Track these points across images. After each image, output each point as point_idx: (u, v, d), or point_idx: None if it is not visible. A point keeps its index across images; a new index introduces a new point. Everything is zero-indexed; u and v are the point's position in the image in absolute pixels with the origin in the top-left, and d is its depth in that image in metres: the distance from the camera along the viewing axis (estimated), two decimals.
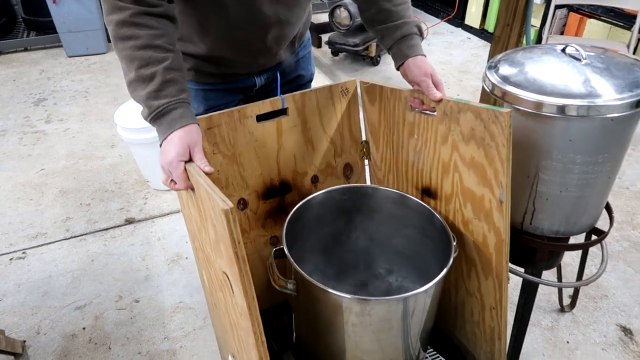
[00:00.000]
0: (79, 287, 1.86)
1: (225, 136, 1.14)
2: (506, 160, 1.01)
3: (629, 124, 1.11)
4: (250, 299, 0.80)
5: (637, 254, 1.99)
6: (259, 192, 1.25)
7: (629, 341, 1.65)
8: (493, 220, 1.10)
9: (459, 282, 1.29)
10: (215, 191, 0.77)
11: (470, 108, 1.04)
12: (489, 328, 1.27)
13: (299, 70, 1.39)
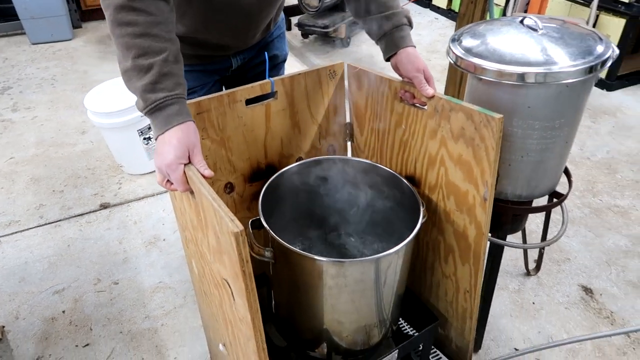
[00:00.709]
0: (56, 272, 1.86)
1: (214, 121, 1.14)
2: (494, 162, 1.03)
3: (582, 90, 1.18)
4: (255, 312, 0.82)
5: (597, 219, 2.10)
6: (245, 176, 1.26)
7: (590, 299, 1.75)
8: (475, 215, 1.13)
9: (435, 265, 1.34)
10: (224, 210, 0.77)
11: (462, 109, 1.05)
12: (461, 308, 1.33)
13: (274, 50, 1.41)
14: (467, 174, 1.11)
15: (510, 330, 1.65)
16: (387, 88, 1.21)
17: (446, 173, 1.17)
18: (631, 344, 1.60)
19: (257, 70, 1.42)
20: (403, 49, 1.15)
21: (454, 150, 1.12)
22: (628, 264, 1.89)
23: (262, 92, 1.18)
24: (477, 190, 1.10)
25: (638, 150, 2.54)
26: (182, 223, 1.14)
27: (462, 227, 1.19)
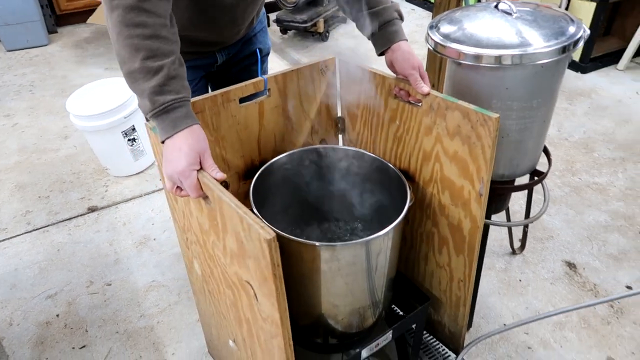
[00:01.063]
0: (48, 276, 1.86)
1: (209, 121, 1.14)
2: (490, 159, 1.05)
3: (557, 70, 1.22)
4: (283, 311, 0.85)
5: (577, 197, 2.17)
6: (240, 174, 1.27)
7: (574, 274, 1.81)
8: (470, 209, 1.16)
9: (429, 256, 1.37)
10: (251, 217, 0.78)
11: (459, 107, 1.06)
12: (455, 297, 1.36)
13: (257, 44, 1.42)
14: (463, 170, 1.12)
15: (499, 307, 1.70)
16: (380, 84, 1.22)
17: (441, 169, 1.18)
18: (614, 313, 1.66)
19: (241, 65, 1.43)
20: (396, 44, 1.16)
21: (450, 147, 1.13)
22: (608, 238, 1.95)
23: (256, 90, 1.18)
24: (473, 186, 1.12)
25: (613, 129, 2.62)
26: (182, 225, 1.14)
27: (457, 220, 1.21)
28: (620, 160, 2.39)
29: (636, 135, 2.57)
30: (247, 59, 1.43)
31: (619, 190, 2.20)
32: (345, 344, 1.29)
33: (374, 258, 1.11)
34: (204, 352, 1.57)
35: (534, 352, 1.56)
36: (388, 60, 1.18)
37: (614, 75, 3.15)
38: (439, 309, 1.46)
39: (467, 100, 1.28)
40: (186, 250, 1.23)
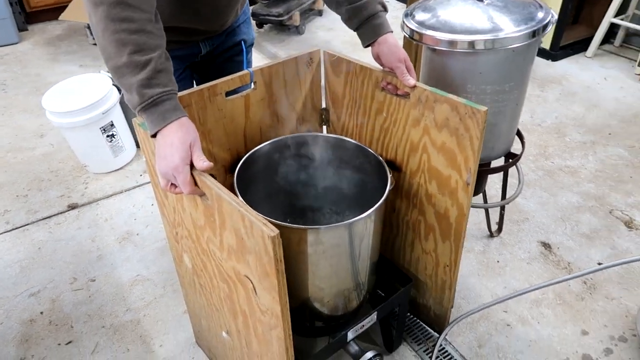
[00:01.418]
0: (30, 275, 1.84)
1: (195, 115, 1.14)
2: (478, 150, 1.08)
3: (527, 54, 1.27)
4: (284, 304, 0.87)
5: (551, 180, 2.24)
6: (226, 167, 1.28)
7: (549, 253, 1.88)
8: (457, 198, 1.19)
9: (415, 242, 1.40)
10: (253, 215, 0.80)
11: (447, 100, 1.08)
12: (440, 281, 1.40)
13: (241, 35, 1.43)
14: (450, 160, 1.15)
15: (478, 288, 1.75)
16: (367, 77, 1.23)
17: (429, 159, 1.20)
18: (587, 289, 1.74)
19: (225, 55, 1.44)
20: (382, 37, 1.17)
21: (437, 138, 1.15)
22: (580, 218, 2.03)
23: (242, 84, 1.19)
24: (460, 176, 1.15)
25: (583, 114, 2.71)
26: (173, 220, 1.15)
27: (444, 208, 1.24)
28: (590, 144, 2.47)
29: (604, 119, 2.66)
30: (231, 50, 1.44)
31: (589, 172, 2.28)
32: (331, 327, 1.32)
33: (357, 240, 1.14)
34: (191, 342, 1.58)
35: (512, 328, 1.61)
36: (374, 53, 1.20)
37: (583, 62, 3.24)
38: (424, 292, 1.50)
39: (442, 85, 1.33)
40: (175, 245, 1.24)
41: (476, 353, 1.54)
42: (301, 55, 1.27)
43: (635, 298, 1.69)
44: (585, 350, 1.54)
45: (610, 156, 2.39)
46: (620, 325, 1.61)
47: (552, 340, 1.58)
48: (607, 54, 3.34)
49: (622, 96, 2.86)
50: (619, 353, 1.53)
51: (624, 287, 1.74)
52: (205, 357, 1.53)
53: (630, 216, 2.04)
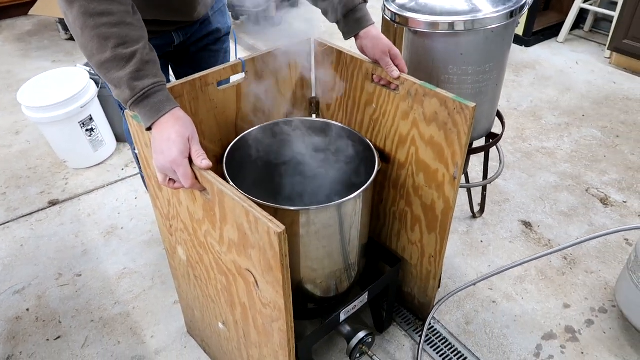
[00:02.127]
0: (13, 272, 1.81)
1: (187, 106, 1.14)
2: (465, 145, 1.09)
3: (506, 34, 1.30)
4: (287, 297, 0.87)
5: (529, 161, 2.30)
6: (217, 157, 1.27)
7: (529, 232, 1.93)
8: (444, 191, 1.21)
9: (401, 233, 1.43)
10: (258, 211, 0.80)
11: (437, 95, 1.09)
12: (425, 271, 1.43)
13: (216, 24, 1.42)
14: (438, 154, 1.16)
15: (464, 267, 1.79)
16: (358, 68, 1.23)
17: (417, 152, 1.22)
18: (568, 264, 1.79)
19: (199, 45, 1.43)
20: (364, 31, 1.16)
21: (426, 132, 1.16)
22: (558, 197, 2.09)
23: (234, 73, 1.18)
24: (447, 170, 1.16)
25: (557, 97, 2.78)
26: (167, 213, 1.14)
27: (431, 200, 1.26)
28: (565, 126, 2.54)
29: (577, 101, 2.73)
30: (206, 39, 1.43)
31: (565, 153, 2.35)
32: (324, 308, 1.34)
33: (347, 221, 1.16)
34: (183, 332, 1.58)
35: (498, 305, 1.66)
36: (359, 46, 1.20)
37: (555, 47, 3.32)
38: (409, 282, 1.53)
39: (424, 67, 1.35)
40: (169, 237, 1.23)
41: (464, 330, 1.58)
42: (292, 44, 1.26)
43: (613, 271, 1.76)
44: (568, 323, 1.60)
45: (585, 137, 2.46)
46: (600, 297, 1.67)
47: (536, 314, 1.63)
48: (577, 39, 3.42)
49: (594, 79, 2.94)
50: (600, 323, 1.59)
51: (602, 261, 1.80)
52: (198, 346, 1.54)
53: (606, 193, 2.10)
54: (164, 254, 1.84)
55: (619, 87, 2.85)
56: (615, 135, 2.46)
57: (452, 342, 1.54)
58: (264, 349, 1.09)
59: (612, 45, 2.95)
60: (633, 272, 1.42)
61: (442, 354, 1.51)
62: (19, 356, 1.53)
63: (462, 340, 1.55)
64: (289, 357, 1.00)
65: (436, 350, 1.52)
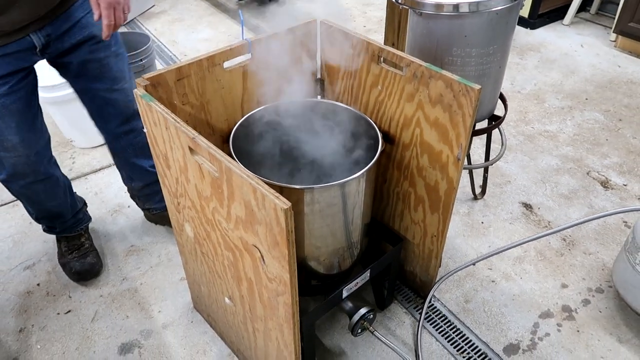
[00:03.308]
0: (23, 248, 1.86)
1: (194, 86, 1.16)
2: (470, 127, 1.11)
3: (510, 17, 1.31)
4: (292, 272, 0.90)
5: (531, 144, 2.31)
6: (224, 137, 1.30)
7: (530, 214, 1.96)
8: (447, 172, 1.23)
9: (404, 212, 1.45)
10: (265, 188, 0.83)
11: (442, 77, 1.10)
12: (427, 250, 1.46)
13: (89, 27, 1.32)
14: (443, 135, 1.18)
15: (464, 248, 1.82)
16: (364, 49, 1.24)
17: (421, 133, 1.23)
18: (567, 246, 1.82)
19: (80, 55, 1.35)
20: None
21: (431, 114, 1.18)
22: (559, 180, 2.11)
23: (240, 54, 1.20)
24: (451, 151, 1.18)
25: (561, 80, 2.78)
26: (175, 191, 1.17)
27: (434, 181, 1.28)
28: (568, 109, 2.55)
29: (581, 85, 2.73)
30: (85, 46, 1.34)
31: (567, 136, 2.36)
32: (326, 285, 1.38)
33: (351, 200, 1.19)
34: (189, 307, 1.62)
35: (497, 284, 1.70)
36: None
37: (560, 30, 3.30)
38: (411, 260, 1.56)
39: (428, 49, 1.36)
40: (177, 214, 1.26)
41: (463, 308, 1.62)
42: (298, 25, 1.28)
43: (610, 252, 1.79)
44: (565, 302, 1.64)
45: (587, 120, 2.47)
46: (597, 277, 1.71)
47: (534, 293, 1.66)
48: (583, 21, 3.40)
49: (598, 62, 2.93)
50: (596, 303, 1.63)
51: (600, 242, 1.83)
52: (204, 321, 1.58)
53: (606, 177, 2.12)
54: (169, 233, 1.88)
55: (623, 71, 2.84)
56: (618, 119, 2.47)
57: (451, 320, 1.58)
58: (269, 322, 1.13)
59: (618, 29, 2.94)
60: (630, 253, 1.45)
61: (442, 331, 1.55)
62: (30, 329, 1.58)
63: (461, 318, 1.59)
64: (293, 330, 1.04)
65: (436, 328, 1.56)
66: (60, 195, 1.62)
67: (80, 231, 1.76)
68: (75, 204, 1.73)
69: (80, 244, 1.74)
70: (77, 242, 1.75)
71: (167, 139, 1.04)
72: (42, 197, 1.56)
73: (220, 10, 3.71)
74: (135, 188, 1.80)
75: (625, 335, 1.53)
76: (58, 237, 1.77)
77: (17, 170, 1.42)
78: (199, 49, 3.20)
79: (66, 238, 1.75)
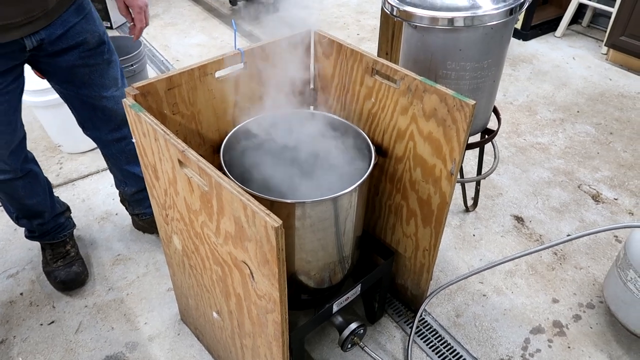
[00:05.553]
0: (6, 256, 1.81)
1: (185, 95, 1.14)
2: (464, 142, 1.10)
3: (505, 31, 1.31)
4: (282, 290, 0.88)
5: (523, 156, 2.31)
6: (214, 147, 1.28)
7: (521, 227, 1.95)
8: (441, 186, 1.21)
9: (396, 226, 1.44)
10: (256, 205, 0.80)
11: (436, 91, 1.09)
12: (419, 263, 1.44)
13: (84, 33, 1.32)
14: (436, 150, 1.17)
15: (455, 261, 1.81)
16: (358, 61, 1.23)
17: (415, 147, 1.22)
18: (558, 260, 1.82)
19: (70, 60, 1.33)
20: None
21: (424, 128, 1.17)
22: (551, 193, 2.11)
23: (233, 64, 1.18)
24: (445, 165, 1.17)
25: (553, 92, 2.79)
26: (163, 202, 1.15)
27: (427, 195, 1.27)
28: (559, 121, 2.56)
29: (573, 97, 2.75)
30: (76, 51, 1.32)
31: (559, 149, 2.36)
32: (317, 299, 1.36)
33: (343, 214, 1.17)
34: (176, 319, 1.59)
35: (488, 298, 1.68)
36: None
37: (553, 41, 3.32)
38: (403, 274, 1.55)
39: (423, 62, 1.35)
40: (165, 226, 1.23)
41: (454, 322, 1.61)
42: (292, 36, 1.26)
43: (601, 267, 1.79)
44: (556, 317, 1.63)
45: (579, 133, 2.48)
46: (588, 292, 1.70)
47: (525, 308, 1.65)
48: (575, 34, 3.42)
49: (589, 75, 2.95)
50: (587, 319, 1.62)
51: (591, 257, 1.83)
52: (191, 334, 1.55)
53: (598, 190, 2.13)
54: (158, 241, 1.85)
55: (614, 84, 2.86)
56: (609, 132, 2.48)
57: (442, 334, 1.57)
58: (257, 339, 1.10)
59: (609, 42, 2.96)
60: (621, 269, 1.44)
61: (432, 346, 1.53)
62: (12, 340, 1.54)
63: (452, 333, 1.57)
64: (282, 348, 1.01)
65: (426, 342, 1.54)
66: (40, 192, 1.59)
67: (64, 238, 1.73)
68: (55, 206, 1.69)
69: (65, 252, 1.71)
70: (62, 249, 1.71)
71: (156, 150, 1.02)
72: (21, 193, 1.53)
73: (214, 15, 3.69)
74: (127, 193, 1.77)
75: (616, 352, 1.52)
76: (43, 245, 1.73)
77: None
78: (192, 54, 3.17)
79: (51, 245, 1.71)
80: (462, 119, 1.08)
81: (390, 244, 1.50)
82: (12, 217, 1.66)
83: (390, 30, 2.19)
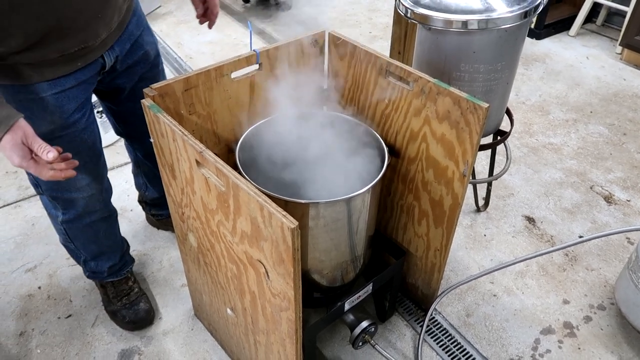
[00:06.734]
0: (25, 250, 1.85)
1: (202, 96, 1.17)
2: (477, 144, 1.10)
3: (519, 34, 1.31)
4: (297, 289, 0.90)
5: (535, 157, 2.31)
6: (229, 146, 1.30)
7: (533, 227, 1.96)
8: (453, 187, 1.22)
9: (408, 225, 1.45)
10: (272, 206, 0.82)
11: (450, 94, 1.10)
12: (430, 263, 1.46)
13: (145, 44, 1.30)
14: (449, 151, 1.18)
15: (466, 260, 1.82)
16: (372, 63, 1.24)
17: (427, 148, 1.23)
18: (569, 261, 1.82)
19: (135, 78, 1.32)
20: None
21: (438, 130, 1.17)
22: (563, 194, 2.11)
23: (248, 65, 1.20)
24: (457, 167, 1.18)
25: (566, 92, 2.77)
26: (180, 201, 1.17)
27: (439, 196, 1.28)
28: (572, 122, 2.55)
29: (586, 97, 2.73)
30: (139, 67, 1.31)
31: (571, 150, 2.36)
32: (329, 298, 1.38)
33: (356, 214, 1.18)
34: (190, 315, 1.62)
35: (498, 298, 1.69)
36: None
37: (566, 41, 3.30)
38: (414, 273, 1.56)
39: (436, 63, 1.36)
40: (180, 224, 1.26)
41: (465, 322, 1.62)
42: (306, 36, 1.28)
43: (613, 269, 1.79)
44: (567, 318, 1.63)
45: (592, 134, 2.46)
46: (599, 294, 1.71)
47: (536, 309, 1.66)
48: (589, 33, 3.40)
49: (603, 75, 2.93)
50: (598, 320, 1.63)
51: (603, 258, 1.83)
52: (205, 329, 1.58)
53: (610, 191, 2.12)
54: (172, 238, 1.88)
55: (628, 84, 2.84)
56: (622, 132, 2.47)
57: (452, 334, 1.58)
58: (271, 336, 1.12)
59: (624, 42, 2.94)
60: (633, 271, 1.44)
61: (442, 345, 1.55)
62: (31, 332, 1.58)
63: (462, 332, 1.58)
64: (295, 345, 1.03)
65: (436, 341, 1.55)
66: (117, 232, 1.56)
67: (127, 274, 1.63)
68: (123, 243, 1.62)
69: (128, 288, 1.61)
70: (125, 286, 1.61)
71: (174, 150, 1.04)
72: (101, 234, 1.48)
73: (226, 13, 3.71)
74: (148, 197, 1.78)
75: (627, 354, 1.53)
76: (102, 283, 1.62)
77: (89, 208, 1.38)
78: (204, 51, 3.20)
79: (112, 283, 1.60)
80: (476, 122, 1.09)
81: (402, 244, 1.51)
82: (79, 260, 1.57)
83: (402, 29, 2.19)
